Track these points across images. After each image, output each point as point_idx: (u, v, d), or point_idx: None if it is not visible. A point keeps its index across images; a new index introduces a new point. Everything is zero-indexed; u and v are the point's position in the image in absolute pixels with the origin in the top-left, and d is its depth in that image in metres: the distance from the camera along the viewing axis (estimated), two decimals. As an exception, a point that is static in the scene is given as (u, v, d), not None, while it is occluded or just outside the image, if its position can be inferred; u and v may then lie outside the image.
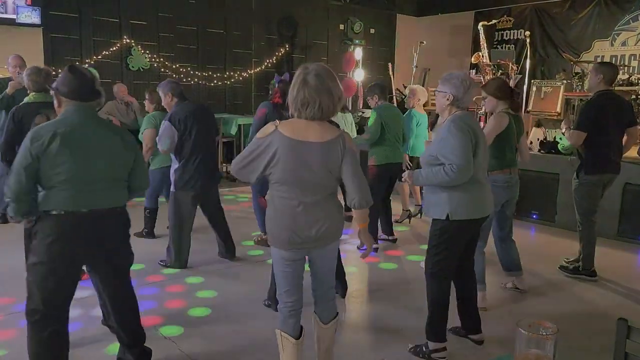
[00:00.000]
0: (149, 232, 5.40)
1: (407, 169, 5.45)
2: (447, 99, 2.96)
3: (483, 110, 4.05)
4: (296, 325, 2.61)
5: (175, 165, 4.43)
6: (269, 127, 2.43)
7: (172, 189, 4.48)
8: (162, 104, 4.62)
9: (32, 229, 2.52)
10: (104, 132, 2.59)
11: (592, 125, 4.22)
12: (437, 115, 4.73)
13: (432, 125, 4.77)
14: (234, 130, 8.66)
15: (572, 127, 4.33)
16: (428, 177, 2.96)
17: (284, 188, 2.43)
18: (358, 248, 5.18)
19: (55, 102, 2.63)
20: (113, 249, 2.66)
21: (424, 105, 6.26)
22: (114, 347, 2.98)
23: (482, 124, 6.24)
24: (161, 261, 4.62)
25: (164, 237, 5.00)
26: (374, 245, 5.16)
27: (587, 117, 4.26)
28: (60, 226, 2.45)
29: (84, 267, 2.81)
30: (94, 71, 2.71)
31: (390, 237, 5.46)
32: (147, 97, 5.45)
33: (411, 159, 5.91)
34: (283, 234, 2.46)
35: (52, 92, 2.64)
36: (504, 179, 3.83)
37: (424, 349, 3.12)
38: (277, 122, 2.46)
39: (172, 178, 4.45)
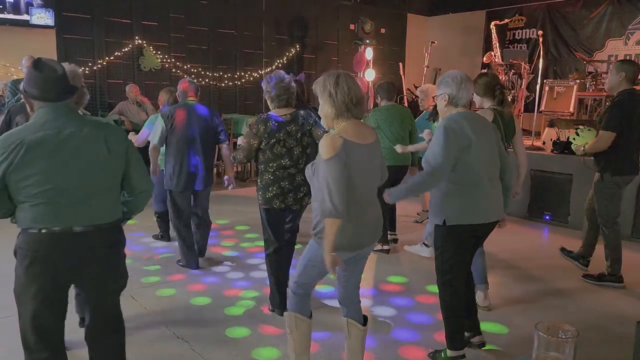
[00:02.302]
0: (163, 235, 5.39)
1: None
2: (444, 100, 2.92)
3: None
4: (309, 307, 2.71)
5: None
6: (337, 141, 2.34)
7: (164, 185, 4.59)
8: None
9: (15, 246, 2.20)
10: (83, 134, 2.15)
11: (622, 126, 4.09)
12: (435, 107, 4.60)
13: (431, 116, 4.66)
14: (244, 131, 8.68)
15: (600, 128, 4.13)
16: (401, 190, 2.94)
17: (352, 193, 2.39)
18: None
19: (27, 107, 2.25)
20: (98, 274, 2.24)
21: None
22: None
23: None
24: (178, 261, 4.66)
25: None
26: (385, 247, 5.16)
27: (617, 117, 4.10)
28: (36, 246, 2.11)
29: None
30: (67, 65, 2.45)
31: (384, 247, 5.17)
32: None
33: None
34: (351, 239, 2.46)
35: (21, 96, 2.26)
36: None
37: (442, 355, 3.08)
38: (334, 132, 2.39)
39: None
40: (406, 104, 7.89)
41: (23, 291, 2.16)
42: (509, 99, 5.39)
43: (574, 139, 6.23)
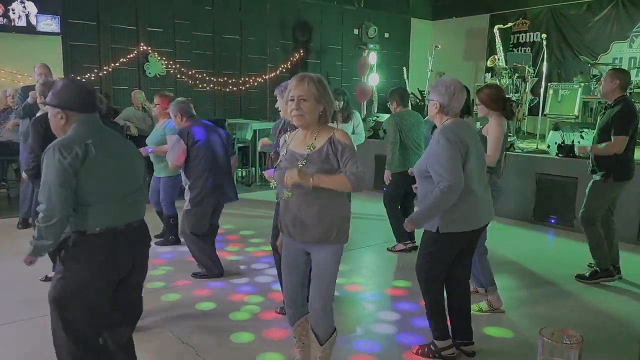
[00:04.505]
0: (176, 239, 5.38)
1: None
2: (435, 107, 2.94)
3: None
4: None
5: (187, 182, 4.38)
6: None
7: (186, 206, 4.39)
8: (173, 124, 4.65)
9: (61, 253, 2.28)
10: (119, 141, 2.45)
11: (632, 131, 4.16)
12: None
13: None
14: (249, 135, 8.69)
15: (612, 134, 4.16)
16: (423, 212, 2.89)
17: None
18: (388, 249, 5.30)
19: (61, 120, 2.32)
20: (143, 264, 2.50)
21: None
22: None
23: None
24: (194, 274, 4.51)
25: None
26: (408, 245, 5.24)
27: (630, 122, 4.16)
28: (98, 246, 2.25)
29: None
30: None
31: (407, 245, 5.27)
32: (157, 101, 5.24)
33: None
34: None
35: (55, 111, 2.32)
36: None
37: (432, 348, 3.11)
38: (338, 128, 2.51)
39: (186, 197, 4.39)
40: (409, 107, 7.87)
41: (81, 290, 2.23)
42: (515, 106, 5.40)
43: (578, 142, 6.24)
